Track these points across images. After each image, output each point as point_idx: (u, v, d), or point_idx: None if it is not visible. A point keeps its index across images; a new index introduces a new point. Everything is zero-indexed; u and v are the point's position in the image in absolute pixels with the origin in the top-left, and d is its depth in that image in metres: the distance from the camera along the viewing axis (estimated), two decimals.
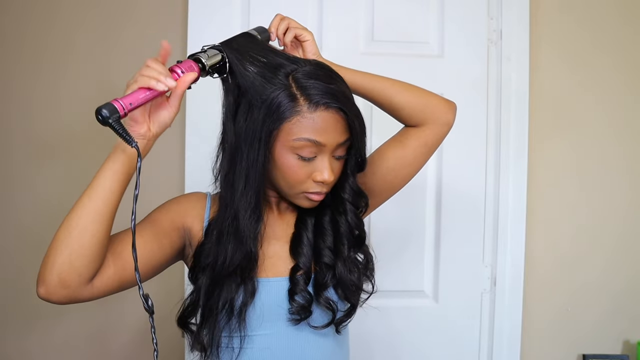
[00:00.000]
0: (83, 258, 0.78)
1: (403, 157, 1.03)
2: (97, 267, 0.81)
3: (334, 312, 0.93)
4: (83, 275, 0.79)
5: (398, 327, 1.61)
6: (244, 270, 0.90)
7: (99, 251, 0.80)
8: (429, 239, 1.62)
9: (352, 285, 0.94)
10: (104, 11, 1.55)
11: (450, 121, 1.04)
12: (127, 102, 0.76)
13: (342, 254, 0.94)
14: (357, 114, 0.90)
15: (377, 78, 1.01)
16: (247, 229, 0.90)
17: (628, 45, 1.67)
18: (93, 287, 0.81)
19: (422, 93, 1.02)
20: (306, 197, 0.92)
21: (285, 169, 0.89)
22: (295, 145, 0.87)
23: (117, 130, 0.75)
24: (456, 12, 1.59)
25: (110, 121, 0.74)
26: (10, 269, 1.53)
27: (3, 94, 1.53)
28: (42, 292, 0.78)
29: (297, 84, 0.86)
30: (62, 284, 0.78)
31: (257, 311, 0.92)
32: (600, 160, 1.67)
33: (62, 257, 0.77)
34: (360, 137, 0.91)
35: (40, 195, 1.53)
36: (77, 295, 0.80)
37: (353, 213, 0.97)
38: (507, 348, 1.62)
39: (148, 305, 0.78)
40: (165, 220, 0.94)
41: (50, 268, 0.77)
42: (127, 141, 0.76)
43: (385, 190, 1.06)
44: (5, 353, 1.54)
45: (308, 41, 0.98)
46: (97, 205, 0.79)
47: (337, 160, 0.92)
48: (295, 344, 0.94)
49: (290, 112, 0.85)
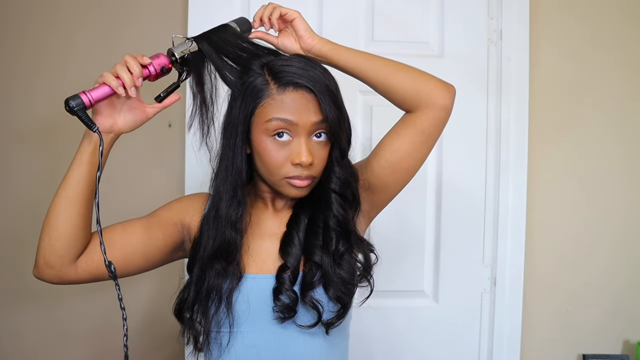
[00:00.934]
0: (61, 240, 0.86)
1: (400, 147, 0.97)
2: (77, 249, 0.88)
3: (318, 312, 0.92)
4: (63, 256, 0.87)
5: (398, 327, 1.61)
6: (225, 255, 0.93)
7: (75, 234, 0.87)
8: (429, 238, 1.62)
9: (339, 280, 0.92)
10: (104, 11, 1.55)
11: (448, 105, 0.97)
12: (93, 95, 0.85)
13: (330, 247, 0.93)
14: (329, 94, 0.89)
15: (373, 57, 0.98)
16: (226, 215, 0.93)
17: (629, 44, 1.67)
18: (77, 268, 0.89)
19: (417, 74, 0.97)
20: (289, 184, 0.92)
21: (264, 154, 0.91)
22: (269, 127, 0.89)
23: (81, 117, 0.84)
24: (456, 12, 1.59)
25: (75, 109, 0.83)
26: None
27: (3, 94, 1.54)
28: (35, 272, 0.90)
29: (269, 71, 0.90)
30: (47, 264, 0.87)
31: (244, 306, 0.93)
32: (600, 159, 1.67)
33: (44, 240, 0.87)
34: (335, 119, 0.89)
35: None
36: (63, 276, 0.89)
37: (339, 204, 0.95)
38: (507, 348, 1.62)
39: (111, 271, 0.86)
40: (163, 214, 0.98)
41: (38, 251, 0.88)
42: (89, 127, 0.85)
43: (388, 186, 1.01)
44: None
45: (296, 19, 0.97)
46: (68, 193, 0.87)
47: (318, 144, 0.91)
48: (282, 343, 0.94)
49: (262, 96, 0.89)
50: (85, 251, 0.90)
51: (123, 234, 0.93)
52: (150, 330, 1.53)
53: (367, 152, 1.04)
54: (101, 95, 0.85)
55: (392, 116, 1.04)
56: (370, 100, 1.53)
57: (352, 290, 0.95)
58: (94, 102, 0.84)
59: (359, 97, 1.52)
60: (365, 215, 1.04)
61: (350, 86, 1.01)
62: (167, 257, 0.99)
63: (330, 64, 0.97)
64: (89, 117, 0.85)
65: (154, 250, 0.96)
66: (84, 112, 0.84)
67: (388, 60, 0.98)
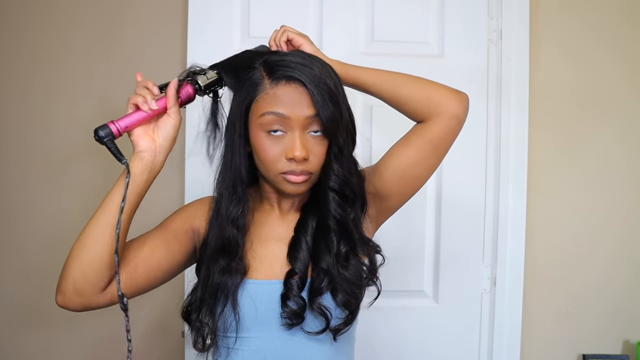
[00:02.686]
0: (95, 269, 0.84)
1: (408, 155, 0.97)
2: (109, 276, 0.86)
3: (327, 319, 0.91)
4: (95, 284, 0.85)
5: (398, 327, 1.61)
6: (227, 251, 0.93)
7: (109, 262, 0.85)
8: (429, 238, 1.62)
9: (345, 281, 0.91)
10: (103, 10, 1.54)
11: (459, 114, 0.96)
12: (122, 124, 0.85)
13: (332, 249, 0.93)
14: (324, 89, 0.88)
15: (380, 71, 0.99)
16: (226, 212, 0.93)
17: (629, 44, 1.67)
18: (106, 293, 0.87)
19: (427, 83, 0.97)
20: (284, 179, 0.91)
21: (259, 149, 0.91)
22: (263, 121, 0.89)
23: (110, 149, 0.84)
24: (456, 12, 1.59)
25: (105, 140, 0.83)
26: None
27: (1, 94, 1.53)
28: (60, 301, 0.86)
29: (265, 66, 0.91)
30: (77, 292, 0.85)
31: (251, 311, 0.92)
32: (600, 160, 1.67)
33: (76, 268, 0.84)
34: (329, 114, 0.88)
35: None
36: (91, 303, 0.86)
37: (336, 203, 0.94)
38: (507, 348, 1.62)
39: (123, 303, 0.83)
40: (175, 224, 0.97)
41: (66, 278, 0.84)
42: (117, 159, 0.84)
43: (395, 193, 1.00)
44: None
45: (302, 45, 0.97)
46: (108, 220, 0.85)
47: (314, 139, 0.90)
48: (289, 349, 0.93)
49: (257, 91, 0.90)
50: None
51: (145, 252, 0.91)
52: (151, 332, 1.52)
53: (367, 152, 1.04)
54: (129, 124, 0.85)
55: (392, 116, 1.04)
56: (370, 100, 1.51)
57: (359, 294, 0.94)
58: (122, 132, 0.85)
59: (359, 97, 1.51)
60: (373, 220, 1.03)
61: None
62: (183, 266, 0.99)
63: (343, 83, 0.97)
64: (117, 149, 0.84)
65: (174, 263, 0.96)
66: (112, 143, 0.84)
67: (397, 72, 0.99)
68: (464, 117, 0.98)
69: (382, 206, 1.01)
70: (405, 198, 1.02)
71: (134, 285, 0.90)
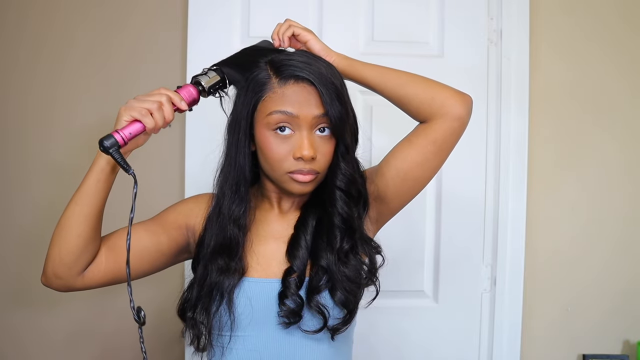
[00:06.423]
0: (71, 254, 0.88)
1: (410, 156, 0.96)
2: (86, 261, 0.90)
3: (324, 317, 0.91)
4: (72, 268, 0.89)
5: (398, 327, 1.61)
6: (227, 251, 0.93)
7: (85, 248, 0.89)
8: (429, 238, 1.62)
9: (344, 278, 0.91)
10: (104, 10, 1.54)
11: (463, 115, 0.95)
12: (126, 133, 0.85)
13: (334, 246, 0.92)
14: (332, 88, 0.88)
15: (386, 69, 0.98)
16: (228, 211, 0.94)
17: (628, 44, 1.67)
18: (84, 278, 0.91)
19: (431, 83, 0.97)
20: (291, 179, 0.91)
21: (266, 148, 0.91)
22: (270, 120, 0.89)
23: (116, 159, 0.84)
24: (456, 12, 1.59)
25: (111, 151, 0.83)
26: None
27: (1, 90, 1.53)
28: (43, 280, 0.92)
29: (272, 65, 0.91)
30: (55, 275, 0.89)
31: (247, 309, 0.92)
32: (600, 160, 1.67)
33: (54, 253, 0.88)
34: (337, 113, 0.88)
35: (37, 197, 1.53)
36: (70, 285, 0.91)
37: (343, 201, 0.94)
38: (507, 348, 1.62)
39: (139, 317, 0.84)
40: (168, 218, 0.99)
41: (47, 261, 0.89)
42: (124, 169, 0.85)
43: (397, 194, 0.99)
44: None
45: (309, 41, 0.97)
46: (82, 209, 0.88)
47: (321, 138, 0.91)
48: (286, 348, 0.93)
49: (264, 90, 0.90)
50: (93, 262, 0.92)
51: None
52: (151, 332, 1.52)
53: (367, 152, 1.04)
54: (134, 133, 0.86)
55: (392, 116, 1.04)
56: (370, 100, 1.53)
57: (358, 293, 0.94)
58: (127, 141, 0.85)
59: (359, 97, 1.51)
60: (374, 222, 1.03)
61: (350, 86, 1.01)
62: (171, 260, 1.00)
63: (348, 78, 0.98)
64: (124, 159, 0.85)
65: (159, 255, 0.97)
66: (118, 153, 0.84)
67: (403, 71, 0.98)
68: (467, 119, 0.97)
69: (382, 208, 1.01)
70: (405, 200, 1.02)
71: (114, 273, 0.93)
